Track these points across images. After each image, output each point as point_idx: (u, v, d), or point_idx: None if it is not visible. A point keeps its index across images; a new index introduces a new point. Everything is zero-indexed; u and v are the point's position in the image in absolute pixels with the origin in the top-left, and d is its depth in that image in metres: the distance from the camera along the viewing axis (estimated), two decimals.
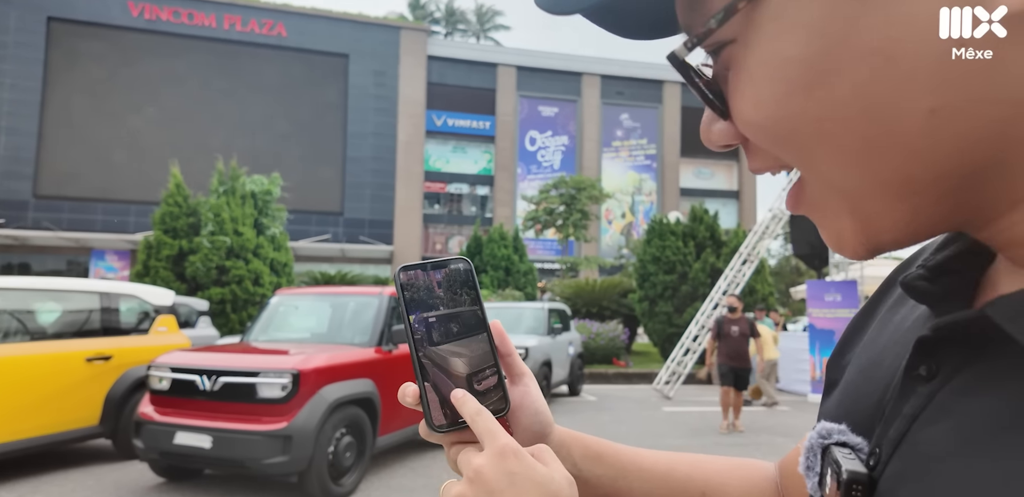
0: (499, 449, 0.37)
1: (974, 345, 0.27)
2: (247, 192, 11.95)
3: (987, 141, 0.23)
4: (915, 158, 0.24)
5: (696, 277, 12.44)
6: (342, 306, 5.42)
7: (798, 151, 0.27)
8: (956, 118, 0.23)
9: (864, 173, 0.25)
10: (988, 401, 0.25)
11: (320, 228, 24.83)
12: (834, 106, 0.24)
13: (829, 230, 0.29)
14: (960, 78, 0.22)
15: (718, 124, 0.30)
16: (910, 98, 0.23)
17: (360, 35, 25.96)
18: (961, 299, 0.30)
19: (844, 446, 0.32)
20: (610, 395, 9.65)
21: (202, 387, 4.05)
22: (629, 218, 28.62)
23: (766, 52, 0.26)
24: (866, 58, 0.23)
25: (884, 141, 0.24)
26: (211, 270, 10.99)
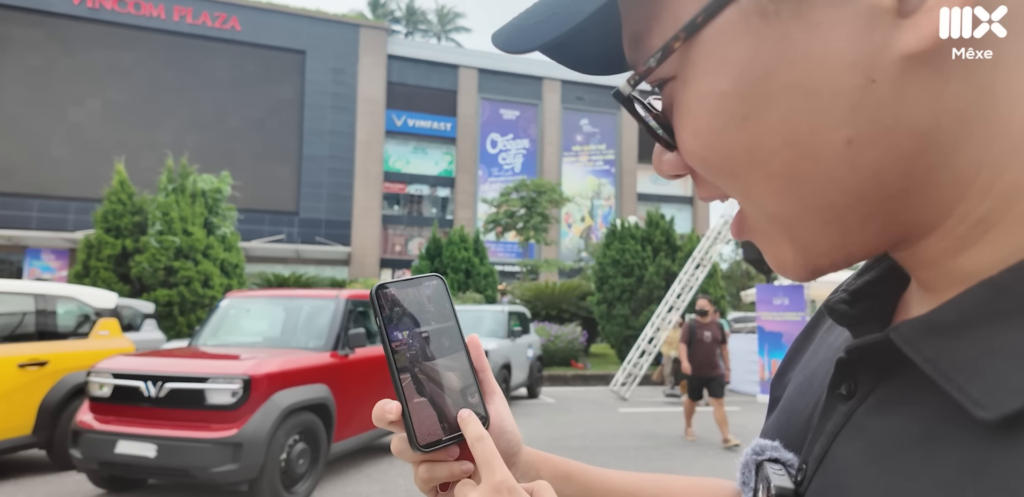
0: (495, 486, 0.37)
1: (885, 365, 0.28)
2: (197, 190, 11.54)
3: (897, 170, 0.25)
4: (835, 185, 0.26)
5: (652, 280, 12.70)
6: (296, 309, 5.30)
7: (733, 180, 0.28)
8: (870, 148, 0.25)
9: (792, 200, 0.27)
10: (893, 420, 0.27)
11: (274, 228, 24.18)
12: (762, 137, 0.26)
13: (771, 255, 0.31)
14: (871, 110, 0.24)
15: (667, 155, 0.32)
16: (828, 129, 0.25)
17: (318, 31, 25.46)
18: (877, 322, 0.32)
19: (776, 462, 0.34)
20: (568, 397, 9.74)
21: (147, 393, 3.89)
22: (588, 222, 28.99)
23: (702, 87, 0.27)
24: (788, 92, 0.25)
25: (807, 169, 0.26)
26: (158, 271, 10.55)
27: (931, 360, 0.25)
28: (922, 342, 0.25)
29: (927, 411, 0.25)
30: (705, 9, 0.26)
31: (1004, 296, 0.23)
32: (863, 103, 0.24)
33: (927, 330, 0.25)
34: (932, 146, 0.24)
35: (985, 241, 0.25)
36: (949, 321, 0.25)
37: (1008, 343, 0.22)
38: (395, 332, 0.41)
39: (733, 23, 0.26)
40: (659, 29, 0.28)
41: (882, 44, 0.23)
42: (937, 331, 0.25)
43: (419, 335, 0.42)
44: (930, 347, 0.25)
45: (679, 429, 7.04)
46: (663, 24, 0.28)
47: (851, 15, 0.24)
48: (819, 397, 0.34)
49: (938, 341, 0.25)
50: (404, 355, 0.41)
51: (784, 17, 0.25)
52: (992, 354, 0.23)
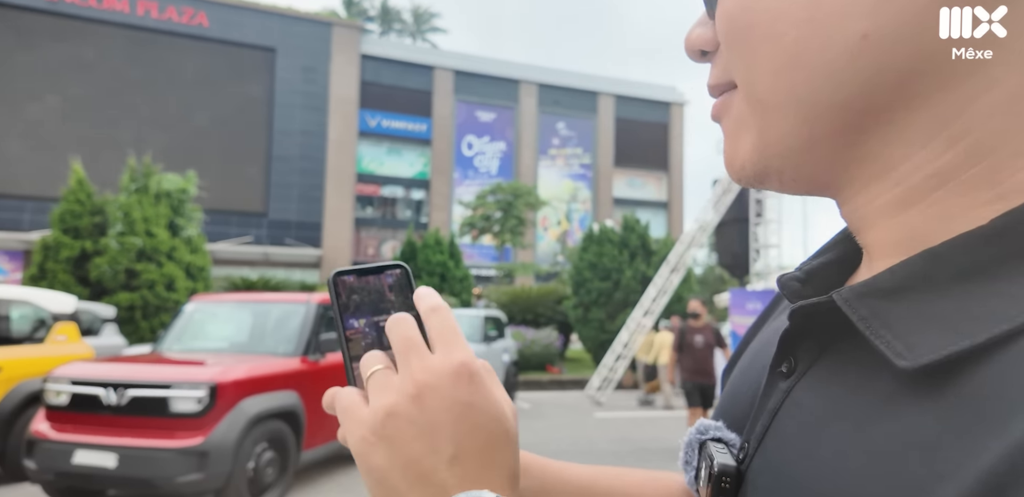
0: (456, 366, 0.31)
1: (824, 339, 0.29)
2: (161, 190, 11.20)
3: (890, 84, 0.25)
4: (832, 78, 0.25)
5: (628, 284, 12.78)
6: (265, 314, 5.15)
7: (747, 50, 0.28)
8: (879, 50, 0.24)
9: (787, 84, 0.27)
10: (828, 392, 0.27)
11: (241, 230, 23.65)
12: (792, 7, 0.26)
13: (732, 142, 0.30)
14: (899, 10, 0.24)
15: (700, 28, 0.31)
16: (851, 16, 0.24)
17: (289, 29, 25.06)
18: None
19: (719, 441, 0.34)
20: (544, 402, 9.71)
21: (107, 401, 3.72)
22: (564, 225, 29.10)
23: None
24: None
25: (815, 53, 0.25)
26: (119, 274, 10.19)
27: (865, 318, 0.25)
28: (859, 303, 0.26)
29: (861, 380, 0.26)
30: None
31: (941, 265, 0.24)
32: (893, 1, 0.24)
33: (866, 293, 0.26)
34: (932, 73, 0.24)
35: (935, 197, 0.25)
36: (887, 285, 0.25)
37: (935, 308, 0.24)
38: (351, 320, 0.39)
39: None
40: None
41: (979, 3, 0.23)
42: (874, 294, 0.26)
43: (376, 324, 0.39)
44: (866, 307, 0.25)
45: (654, 434, 7.07)
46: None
47: None
48: (761, 377, 0.34)
49: (874, 302, 0.25)
50: (359, 344, 0.38)
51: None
52: (920, 317, 0.24)
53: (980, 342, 0.21)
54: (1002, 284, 0.22)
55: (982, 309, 0.22)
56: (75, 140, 20.78)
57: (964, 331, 0.22)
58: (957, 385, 0.21)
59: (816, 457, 0.25)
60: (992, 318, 0.21)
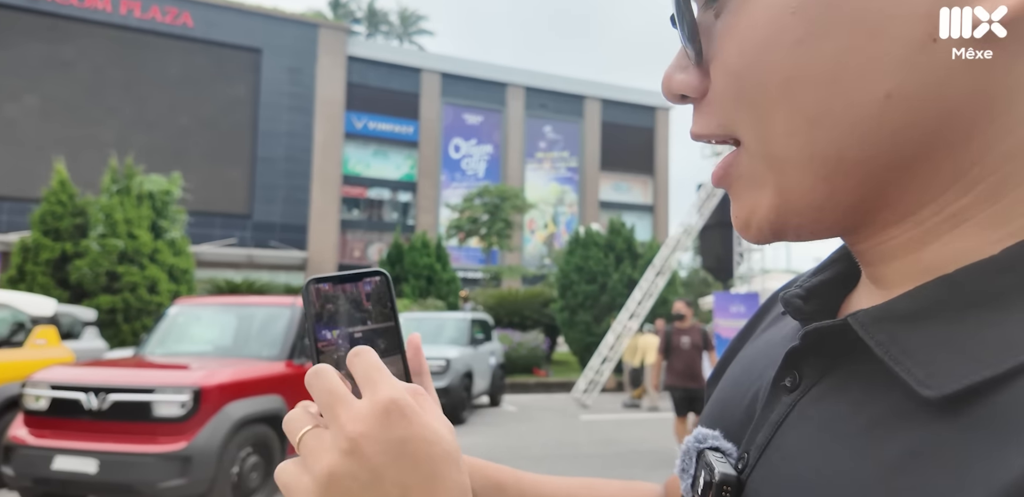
0: (383, 407, 0.30)
1: (833, 356, 0.29)
2: (144, 192, 11.05)
3: (914, 140, 0.25)
4: (855, 137, 0.25)
5: (615, 287, 12.85)
6: (249, 317, 5.11)
7: (756, 109, 0.27)
8: (903, 108, 0.24)
9: (805, 142, 0.26)
10: (839, 407, 0.27)
11: (225, 231, 23.39)
12: (809, 66, 0.25)
13: (746, 203, 0.30)
14: (921, 70, 0.24)
15: (684, 73, 0.30)
16: (874, 78, 0.24)
17: (275, 30, 24.90)
18: (828, 317, 0.33)
19: (717, 451, 0.34)
20: (530, 405, 9.72)
21: (88, 406, 3.67)
22: (551, 228, 29.18)
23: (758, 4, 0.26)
24: (852, 27, 0.24)
25: (837, 113, 0.25)
26: (100, 276, 10.03)
27: (883, 344, 0.26)
28: (877, 328, 0.26)
29: (874, 398, 0.26)
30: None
31: (957, 292, 0.25)
32: (917, 60, 0.24)
33: (883, 317, 0.26)
34: (954, 126, 0.24)
35: (950, 236, 0.26)
36: (904, 311, 0.26)
37: (955, 335, 0.24)
38: (323, 331, 0.37)
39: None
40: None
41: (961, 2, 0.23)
42: (892, 319, 0.26)
43: (350, 335, 0.38)
44: (884, 333, 0.26)
45: (640, 436, 7.11)
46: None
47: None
48: (758, 389, 0.35)
49: (892, 327, 0.26)
50: (330, 356, 0.37)
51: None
52: (939, 343, 0.24)
53: (1001, 372, 0.22)
54: (1017, 313, 0.23)
55: (1000, 338, 0.23)
56: (54, 140, 20.44)
57: (985, 360, 0.22)
58: (977, 408, 0.22)
59: (827, 470, 0.26)
60: (1011, 348, 0.22)
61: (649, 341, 9.54)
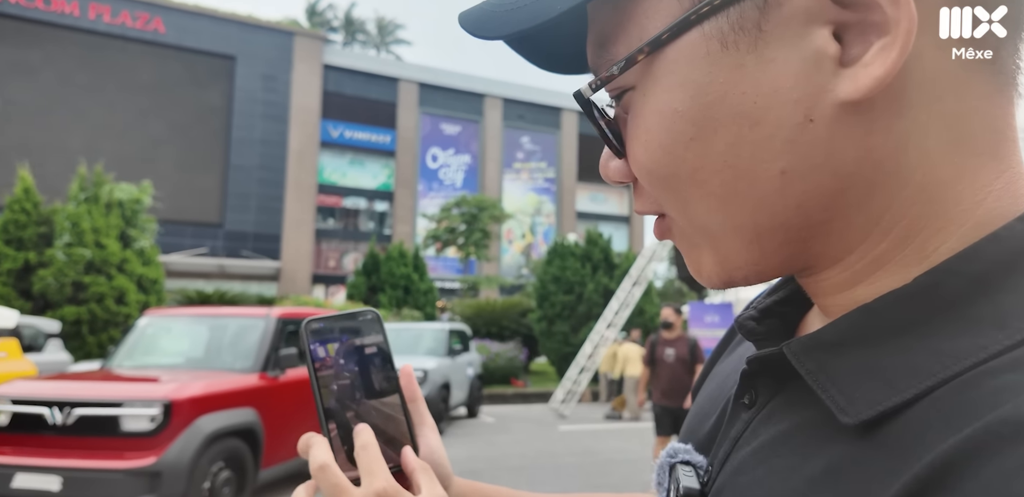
0: (376, 492, 0.38)
1: (781, 377, 0.32)
2: (113, 200, 10.78)
3: (819, 204, 0.28)
4: (765, 209, 0.28)
5: (591, 297, 12.92)
6: (222, 328, 5.01)
7: (674, 193, 0.30)
8: (800, 181, 0.27)
9: (724, 217, 0.29)
10: (780, 426, 0.30)
11: (196, 241, 22.91)
12: (706, 158, 0.28)
13: (692, 260, 0.33)
14: (806, 147, 0.27)
15: (615, 162, 0.33)
16: (766, 158, 0.27)
17: (249, 37, 24.67)
18: (780, 338, 0.35)
19: (687, 464, 0.36)
20: (508, 416, 9.66)
21: (51, 421, 3.54)
22: (529, 238, 29.26)
23: (659, 103, 0.29)
24: (736, 119, 0.27)
25: (743, 191, 0.28)
26: (65, 286, 9.72)
27: (812, 372, 0.28)
28: (806, 357, 0.29)
29: (807, 419, 0.29)
30: (671, 28, 0.27)
31: (874, 320, 0.27)
32: (799, 139, 0.27)
33: (812, 346, 0.29)
34: (851, 188, 0.27)
35: (875, 277, 0.28)
36: (829, 340, 0.28)
37: (873, 361, 0.27)
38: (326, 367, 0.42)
39: (695, 45, 0.27)
40: (625, 39, 0.29)
41: (823, 88, 0.26)
42: (820, 348, 0.28)
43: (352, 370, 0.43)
44: (812, 361, 0.28)
45: (618, 446, 7.12)
46: (629, 34, 0.29)
47: (800, 57, 0.26)
48: (726, 404, 0.37)
49: (820, 356, 0.28)
50: (331, 390, 0.42)
51: (742, 48, 0.27)
52: (860, 370, 0.27)
53: (908, 398, 0.24)
54: (929, 339, 0.25)
55: (911, 365, 0.25)
56: (17, 146, 19.85)
57: (897, 386, 0.25)
58: (886, 430, 0.25)
59: (764, 483, 0.29)
60: (918, 374, 0.25)
61: (630, 351, 9.46)
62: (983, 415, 0.21)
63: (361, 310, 0.44)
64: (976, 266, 0.26)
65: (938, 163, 0.27)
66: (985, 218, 0.26)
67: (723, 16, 0.27)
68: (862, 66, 0.25)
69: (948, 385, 0.24)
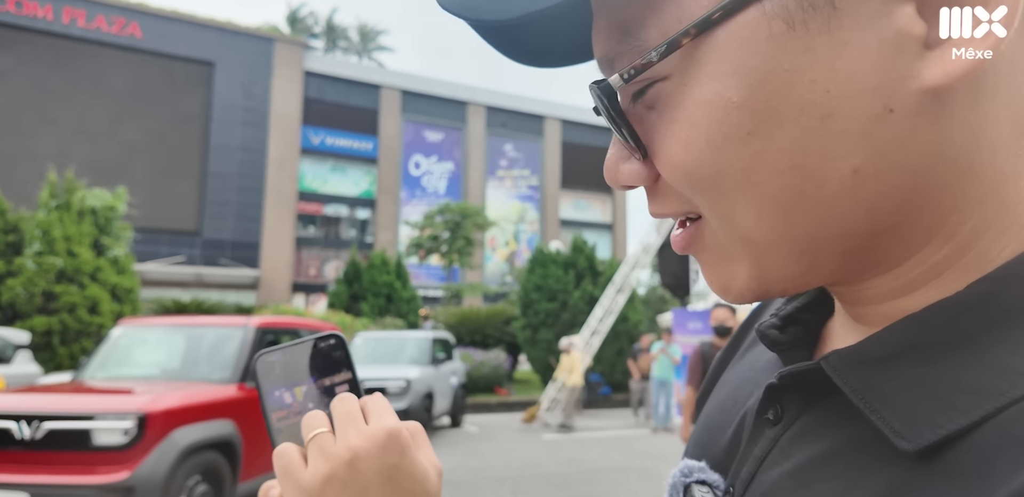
0: (386, 433, 0.35)
1: (813, 392, 0.29)
2: (86, 207, 10.53)
3: (890, 207, 0.25)
4: (830, 214, 0.25)
5: (576, 305, 12.92)
6: (198, 338, 4.89)
7: (718, 198, 0.26)
8: (873, 180, 0.24)
9: (779, 225, 0.26)
10: (818, 446, 0.27)
11: (172, 249, 22.49)
12: (767, 156, 0.24)
13: (720, 274, 0.29)
14: (882, 141, 0.24)
15: (629, 164, 0.29)
16: (838, 156, 0.24)
17: (228, 43, 24.45)
18: (806, 348, 0.33)
19: (704, 484, 0.34)
20: (492, 424, 9.58)
21: (19, 435, 3.40)
22: (513, 246, 29.26)
23: (707, 93, 0.25)
24: (804, 111, 0.24)
25: (809, 195, 0.25)
26: (35, 296, 9.44)
27: (858, 390, 0.25)
28: (850, 373, 0.26)
29: (851, 439, 0.26)
30: (724, 5, 0.23)
31: (925, 333, 0.25)
32: (877, 132, 0.23)
33: (856, 361, 0.26)
34: (925, 187, 0.24)
35: (930, 286, 0.26)
36: (876, 354, 0.26)
37: (928, 378, 0.24)
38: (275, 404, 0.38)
39: (753, 26, 0.23)
40: (657, 21, 0.25)
41: (906, 73, 0.23)
42: (865, 363, 0.26)
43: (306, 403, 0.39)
44: (858, 378, 0.26)
45: (603, 455, 7.09)
46: (664, 16, 0.25)
47: (879, 38, 0.23)
48: (742, 417, 0.34)
49: (865, 372, 0.26)
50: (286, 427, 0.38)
51: (812, 30, 0.23)
52: (913, 388, 0.24)
53: (975, 420, 0.22)
54: (987, 353, 0.23)
55: (973, 383, 0.23)
56: None
57: (959, 407, 0.22)
58: (947, 456, 0.22)
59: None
60: (983, 394, 0.22)
61: (575, 360, 9.25)
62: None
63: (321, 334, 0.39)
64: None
65: (1005, 157, 0.24)
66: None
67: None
68: (951, 46, 0.22)
69: (1018, 405, 0.21)
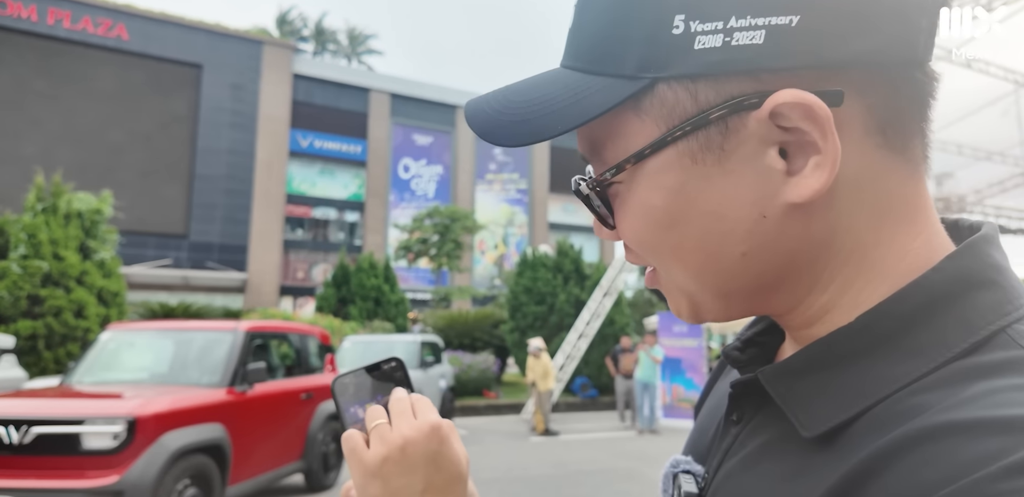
0: (431, 426, 0.45)
1: (761, 397, 0.38)
2: (72, 211, 10.44)
3: (774, 274, 0.35)
4: (730, 278, 0.36)
5: (562, 308, 13.00)
6: (188, 342, 4.91)
7: (659, 262, 0.38)
8: (757, 259, 0.35)
9: (698, 282, 0.37)
10: (759, 439, 0.37)
11: (159, 252, 22.31)
12: (683, 241, 0.36)
13: (672, 303, 0.40)
14: (760, 235, 0.34)
15: (605, 229, 0.40)
16: (731, 245, 0.35)
17: (216, 45, 24.32)
18: (761, 365, 0.42)
19: (688, 473, 0.43)
20: (480, 427, 9.62)
21: (7, 440, 3.41)
22: (502, 249, 29.31)
23: (643, 198, 0.36)
24: (705, 215, 0.34)
25: (713, 267, 0.36)
26: (20, 300, 9.35)
27: (781, 395, 0.35)
28: (776, 382, 0.35)
29: (781, 432, 0.35)
30: (652, 144, 0.34)
31: (828, 352, 0.34)
32: (755, 230, 0.34)
33: (781, 373, 0.36)
34: (798, 260, 0.35)
35: (824, 319, 0.36)
36: (795, 367, 0.35)
37: (827, 385, 0.33)
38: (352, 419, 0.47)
39: (671, 159, 0.34)
40: (613, 148, 0.36)
41: (773, 193, 0.33)
42: (787, 375, 0.35)
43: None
44: (781, 386, 0.35)
45: (590, 457, 7.16)
46: (617, 146, 0.36)
47: (754, 169, 0.33)
48: (720, 420, 0.43)
49: (787, 381, 0.35)
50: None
51: (708, 163, 0.34)
52: (817, 393, 0.33)
53: (852, 415, 0.31)
54: (870, 366, 0.32)
55: (856, 388, 0.32)
56: None
57: (845, 406, 0.32)
58: (834, 440, 0.32)
59: (747, 485, 0.36)
60: (861, 396, 0.32)
61: (546, 364, 9.21)
62: (902, 425, 0.28)
63: (386, 360, 0.50)
64: (902, 307, 0.32)
65: (865, 235, 0.34)
66: (908, 270, 0.34)
67: (693, 138, 0.33)
68: (803, 178, 0.32)
69: (882, 404, 0.30)
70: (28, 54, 21.34)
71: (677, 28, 0.32)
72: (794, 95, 0.31)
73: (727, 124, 0.33)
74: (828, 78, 0.32)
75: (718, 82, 0.32)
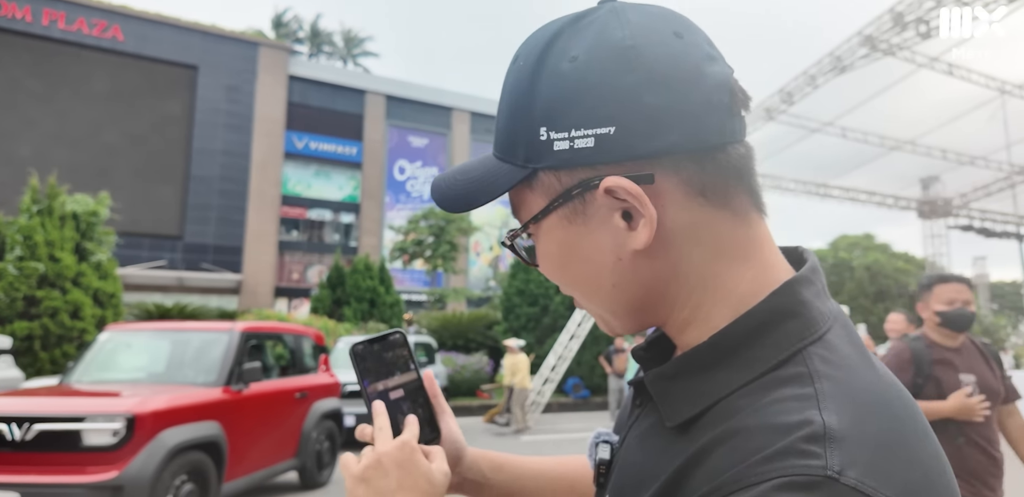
0: (401, 442, 0.57)
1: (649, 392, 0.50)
2: (68, 212, 10.50)
3: (640, 299, 0.48)
4: (613, 303, 0.49)
5: (556, 310, 13.13)
6: (185, 343, 5.01)
7: (570, 292, 0.52)
8: (623, 290, 0.48)
9: (596, 306, 0.51)
10: (647, 421, 0.50)
11: (154, 253, 22.31)
12: (576, 277, 0.49)
13: (594, 319, 0.54)
14: (620, 272, 0.47)
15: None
16: (602, 279, 0.48)
17: (212, 47, 24.35)
18: (658, 364, 0.52)
19: (607, 442, 0.55)
20: (473, 427, 9.73)
21: (9, 437, 3.52)
22: (497, 251, 29.41)
23: (544, 247, 0.50)
24: (583, 259, 0.48)
25: (598, 296, 0.49)
26: (16, 301, 9.41)
27: (657, 394, 0.47)
28: (655, 383, 0.47)
29: (658, 419, 0.47)
30: (541, 212, 0.48)
31: (689, 362, 0.45)
32: (616, 269, 0.47)
33: (659, 376, 0.47)
34: (655, 289, 0.47)
35: (688, 330, 0.48)
36: (667, 373, 0.47)
37: (687, 387, 0.45)
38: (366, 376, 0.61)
39: (554, 222, 0.48)
40: (525, 210, 0.50)
41: (623, 243, 0.45)
42: (662, 377, 0.47)
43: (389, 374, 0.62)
44: (658, 386, 0.47)
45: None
46: (523, 211, 0.51)
47: (607, 227, 0.46)
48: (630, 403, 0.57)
49: (662, 383, 0.47)
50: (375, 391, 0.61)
51: (576, 223, 0.47)
52: (680, 392, 0.45)
53: (698, 411, 0.43)
54: (714, 374, 0.43)
55: (703, 391, 0.43)
56: None
57: (695, 403, 0.43)
58: (688, 429, 0.43)
59: (634, 457, 0.49)
60: (706, 397, 0.43)
61: (520, 361, 9.44)
62: (727, 421, 0.40)
63: (390, 331, 0.64)
64: (737, 330, 0.44)
65: (704, 269, 0.46)
66: (743, 298, 0.45)
67: (565, 207, 0.47)
68: (638, 233, 0.44)
69: (719, 403, 0.42)
70: (23, 55, 21.34)
71: (543, 136, 0.46)
72: (615, 180, 0.44)
73: (584, 198, 0.46)
74: (643, 166, 0.44)
75: (572, 171, 0.46)
